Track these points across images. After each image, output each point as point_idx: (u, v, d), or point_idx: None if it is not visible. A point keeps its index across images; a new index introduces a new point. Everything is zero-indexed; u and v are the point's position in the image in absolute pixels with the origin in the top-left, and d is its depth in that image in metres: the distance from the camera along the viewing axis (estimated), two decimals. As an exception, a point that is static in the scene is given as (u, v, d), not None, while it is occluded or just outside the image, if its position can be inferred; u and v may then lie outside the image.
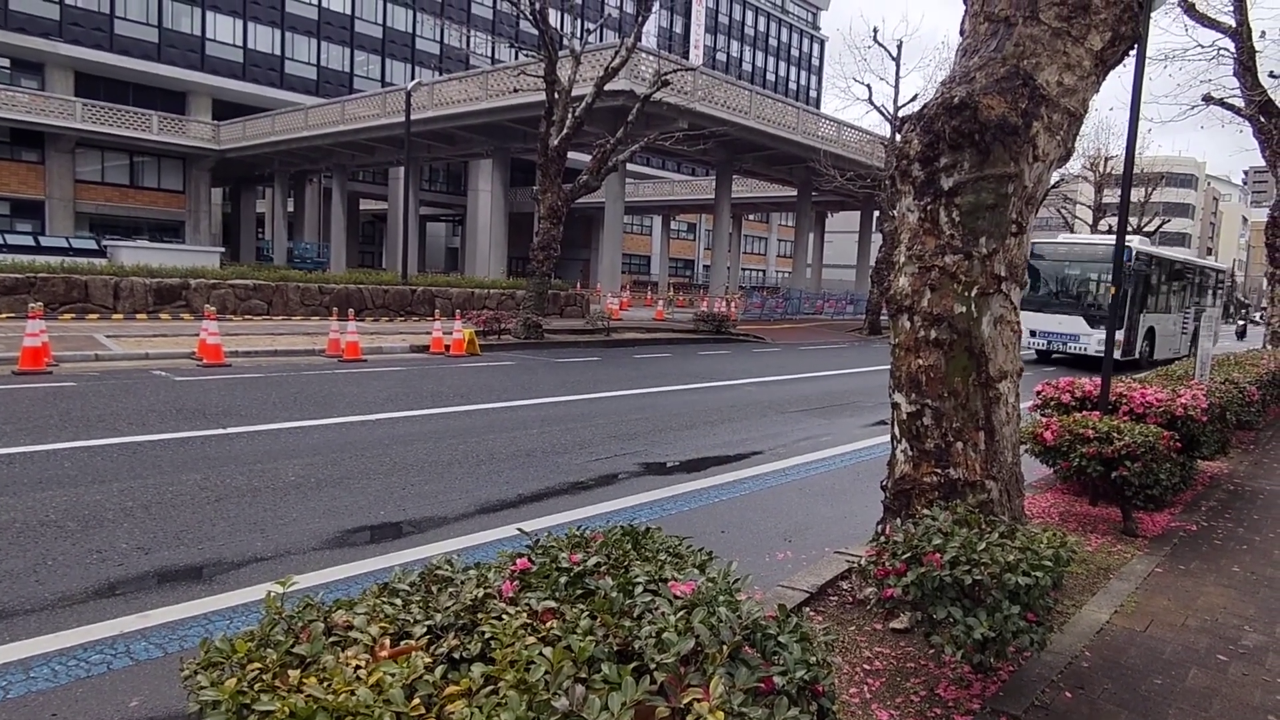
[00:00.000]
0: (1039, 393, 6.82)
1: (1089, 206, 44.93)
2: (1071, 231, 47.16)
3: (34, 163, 39.51)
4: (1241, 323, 39.70)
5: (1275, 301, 15.08)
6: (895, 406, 4.03)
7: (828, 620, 3.74)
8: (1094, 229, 44.31)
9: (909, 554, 2.97)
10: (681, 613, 1.83)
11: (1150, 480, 5.23)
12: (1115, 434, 5.23)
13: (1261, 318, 23.92)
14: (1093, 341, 18.46)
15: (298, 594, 1.95)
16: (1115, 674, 3.41)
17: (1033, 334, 19.16)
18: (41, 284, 16.56)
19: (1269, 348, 13.95)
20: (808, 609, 3.86)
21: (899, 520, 3.83)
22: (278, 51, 46.24)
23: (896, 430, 4.03)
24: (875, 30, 26.66)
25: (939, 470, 3.84)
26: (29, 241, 29.24)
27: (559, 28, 22.59)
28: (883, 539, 3.22)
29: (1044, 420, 5.68)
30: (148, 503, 5.32)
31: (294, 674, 1.60)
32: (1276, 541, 5.59)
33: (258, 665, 1.64)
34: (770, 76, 77.33)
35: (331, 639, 1.74)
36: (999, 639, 2.81)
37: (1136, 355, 19.29)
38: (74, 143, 39.65)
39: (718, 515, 5.89)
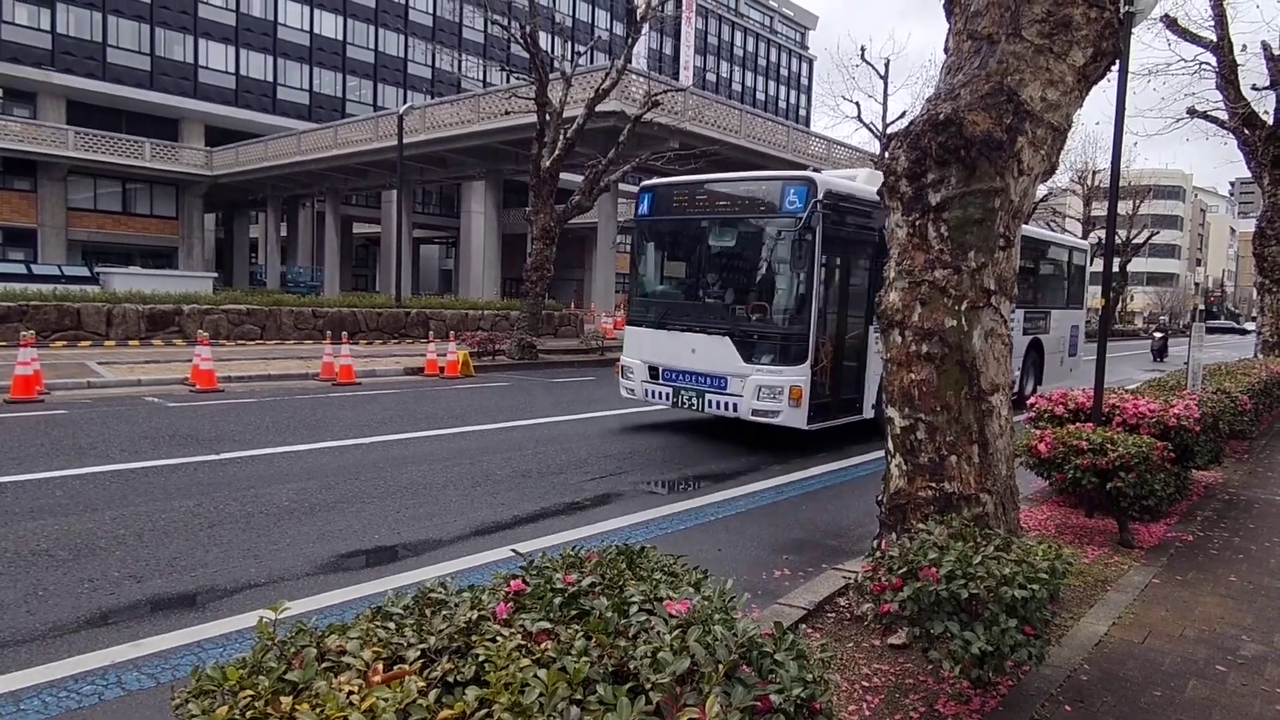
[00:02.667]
0: (1032, 405, 6.84)
1: (1078, 219, 45.34)
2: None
3: (26, 191, 39.52)
4: (1160, 335, 28.52)
5: (1265, 311, 15.18)
6: (889, 421, 4.04)
7: (825, 637, 3.73)
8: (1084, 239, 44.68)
9: (905, 569, 2.97)
10: (677, 632, 1.82)
11: (1145, 491, 5.23)
12: (1109, 445, 5.25)
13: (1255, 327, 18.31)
14: (750, 391, 8.53)
15: (291, 620, 1.93)
16: (1114, 686, 3.40)
17: (654, 374, 9.50)
18: (34, 312, 16.51)
19: (1260, 357, 14.02)
20: (805, 626, 3.84)
21: (895, 535, 3.82)
22: (270, 77, 46.50)
23: (890, 445, 4.03)
24: (863, 49, 27.06)
25: (934, 484, 3.84)
26: (21, 270, 29.21)
27: (549, 51, 22.81)
28: (878, 554, 3.22)
29: (1038, 432, 5.69)
30: (140, 530, 5.29)
31: (286, 701, 1.58)
32: (1272, 550, 5.59)
33: (250, 692, 1.62)
34: (760, 96, 78.04)
35: (324, 664, 1.73)
36: (997, 653, 2.80)
37: (833, 417, 9.08)
38: (66, 171, 39.70)
39: (714, 533, 5.87)
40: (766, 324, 8.76)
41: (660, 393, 9.42)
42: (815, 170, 9.50)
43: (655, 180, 10.27)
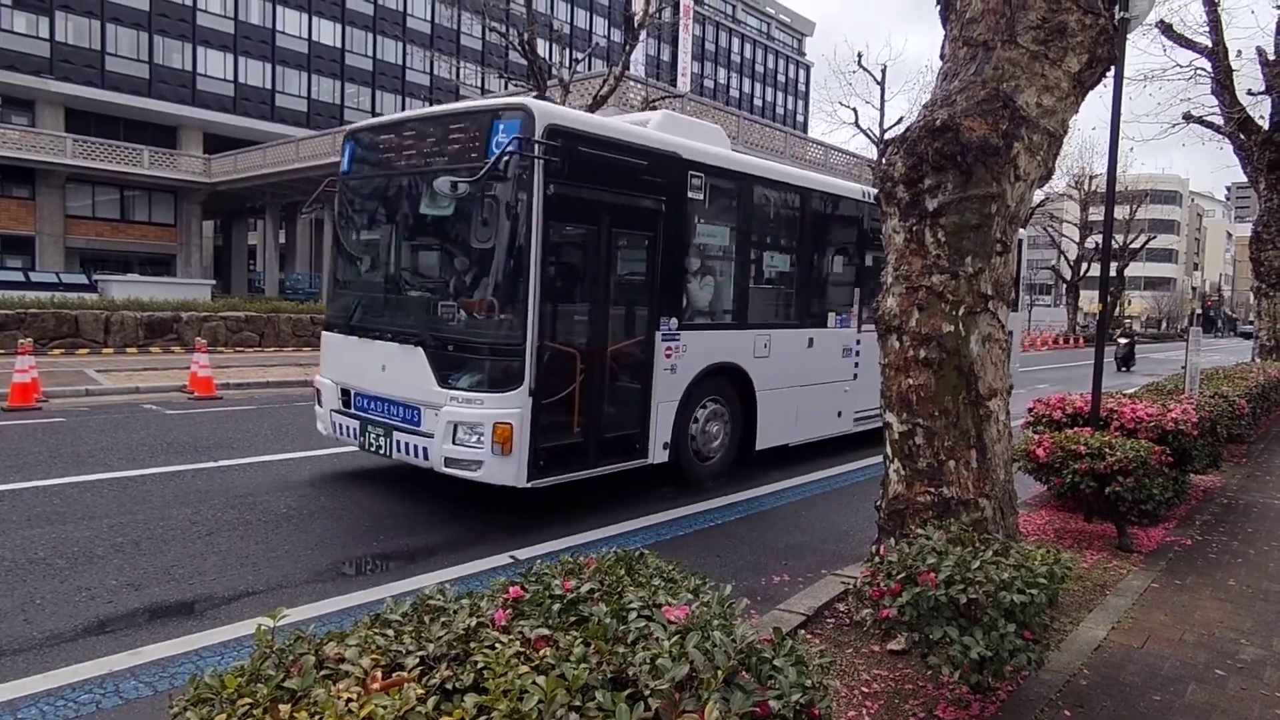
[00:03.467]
0: (1030, 410, 6.85)
1: (1075, 224, 45.44)
2: (1059, 251, 47.48)
3: (24, 199, 39.52)
4: (1125, 340, 25.96)
5: (1262, 315, 15.20)
6: (887, 426, 4.05)
7: (824, 643, 3.72)
8: (1081, 246, 44.72)
9: (903, 574, 2.97)
10: (675, 638, 1.82)
11: (1143, 495, 5.24)
12: (1107, 450, 5.25)
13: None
14: (442, 430, 5.73)
15: (289, 627, 1.93)
16: (1114, 691, 3.40)
17: (346, 401, 6.69)
18: (31, 320, 16.50)
19: (1258, 361, 14.05)
20: (804, 632, 3.84)
21: (893, 540, 3.82)
22: (269, 85, 46.59)
23: (889, 450, 4.04)
24: (860, 55, 27.15)
25: (932, 489, 3.84)
26: (19, 278, 29.19)
27: (547, 57, 22.87)
28: (877, 559, 3.22)
29: (1036, 437, 5.70)
30: (138, 538, 5.27)
31: (285, 709, 1.58)
32: (1271, 554, 5.60)
33: (248, 701, 1.62)
34: (757, 102, 78.24)
35: (323, 672, 1.73)
36: (996, 658, 2.80)
37: (586, 464, 6.24)
38: (64, 178, 39.71)
39: (712, 539, 5.86)
40: (468, 328, 5.96)
41: (348, 427, 6.58)
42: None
43: (360, 123, 7.53)
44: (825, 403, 8.76)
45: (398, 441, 6.13)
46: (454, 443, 5.69)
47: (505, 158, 5.56)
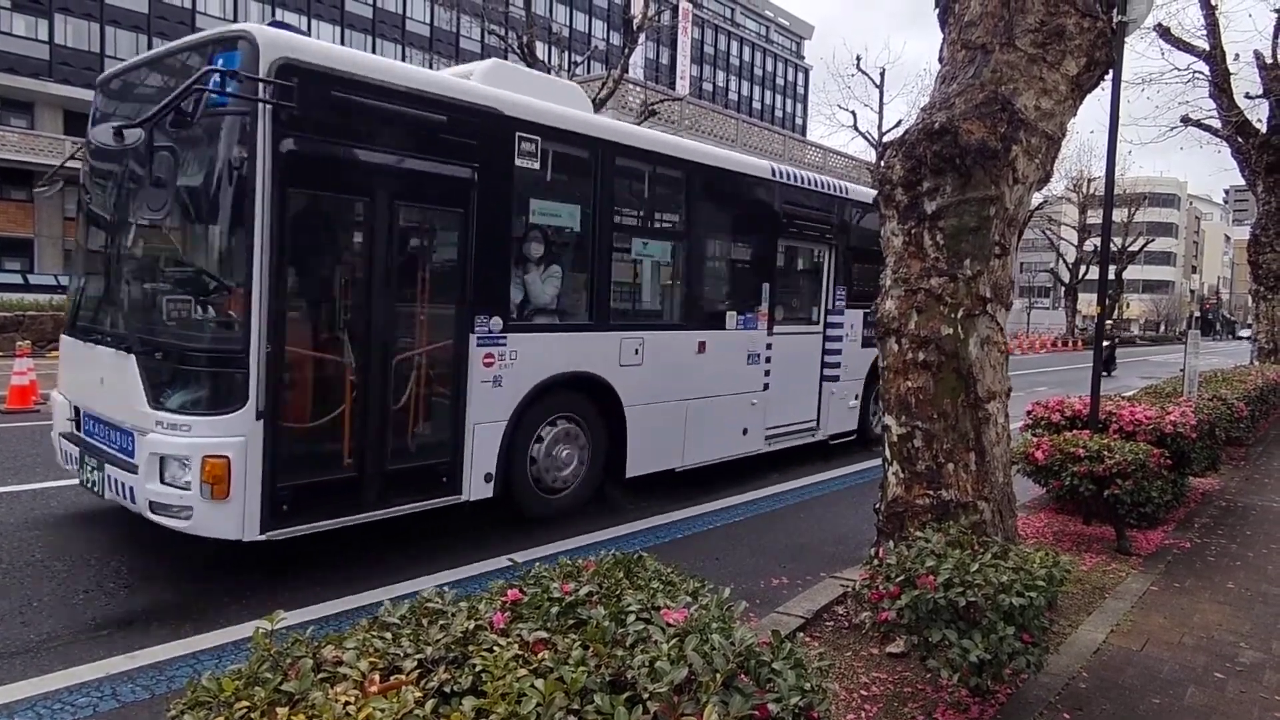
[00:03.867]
0: (1029, 412, 6.85)
1: (1074, 227, 45.52)
2: (1058, 254, 47.57)
3: (23, 201, 39.50)
4: (1106, 344, 23.72)
5: (1260, 318, 15.21)
6: (885, 429, 4.05)
7: (824, 646, 3.72)
8: (1079, 248, 44.80)
9: (902, 576, 2.97)
10: (674, 641, 1.82)
11: (1142, 498, 5.24)
12: (1106, 452, 5.25)
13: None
14: (146, 463, 4.33)
15: (287, 630, 1.93)
16: (1113, 694, 3.40)
17: (77, 426, 5.25)
18: (30, 322, 16.49)
19: (1256, 364, 14.06)
20: (803, 634, 3.84)
21: (892, 543, 3.82)
22: (267, 87, 46.64)
23: (888, 453, 4.04)
24: (858, 58, 27.18)
25: (931, 492, 3.85)
26: (18, 280, 29.21)
27: (546, 60, 22.90)
28: (876, 562, 3.22)
29: (1035, 440, 5.70)
30: (136, 540, 5.26)
31: (282, 712, 1.58)
32: (1270, 557, 5.60)
33: (245, 704, 1.62)
34: (756, 105, 78.39)
35: (321, 675, 1.73)
36: (995, 661, 2.80)
37: (359, 506, 4.81)
38: (63, 180, 39.73)
39: (711, 541, 5.86)
40: (181, 329, 4.73)
41: (73, 455, 5.22)
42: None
43: (109, 70, 6.20)
44: (725, 419, 7.33)
45: (109, 476, 4.71)
46: (161, 481, 4.32)
47: (193, 97, 4.22)
